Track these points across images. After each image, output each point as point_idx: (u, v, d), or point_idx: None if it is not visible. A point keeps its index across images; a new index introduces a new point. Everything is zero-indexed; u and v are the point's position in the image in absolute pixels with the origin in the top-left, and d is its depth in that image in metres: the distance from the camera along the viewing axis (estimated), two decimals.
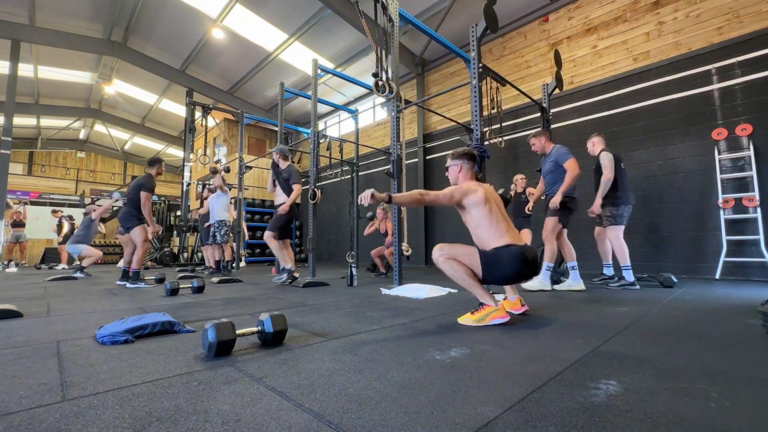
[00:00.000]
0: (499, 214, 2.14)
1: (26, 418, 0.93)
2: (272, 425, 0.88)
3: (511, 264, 2.01)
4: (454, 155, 2.34)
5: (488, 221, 2.09)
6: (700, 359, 1.37)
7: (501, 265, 2.03)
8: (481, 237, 2.13)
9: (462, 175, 2.31)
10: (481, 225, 2.11)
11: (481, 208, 2.10)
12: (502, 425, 0.87)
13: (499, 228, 2.09)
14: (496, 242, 2.06)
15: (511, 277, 2.07)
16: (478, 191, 2.12)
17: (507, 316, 2.00)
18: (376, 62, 3.44)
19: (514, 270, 2.02)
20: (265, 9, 7.59)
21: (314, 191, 5.02)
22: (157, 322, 1.83)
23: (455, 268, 2.08)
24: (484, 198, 2.11)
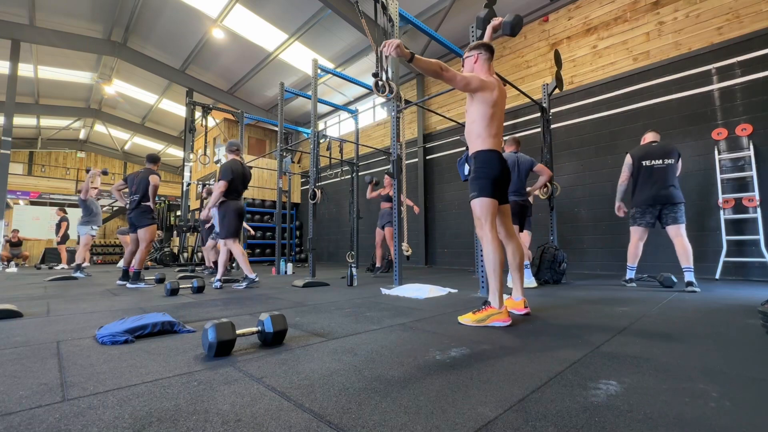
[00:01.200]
0: (497, 119, 2.18)
1: (26, 418, 0.93)
2: (272, 425, 0.88)
3: (486, 166, 2.11)
4: (471, 46, 2.28)
5: (484, 122, 2.14)
6: (700, 359, 1.37)
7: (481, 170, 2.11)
8: (471, 131, 2.20)
9: (478, 66, 2.24)
10: (477, 121, 2.16)
11: (487, 108, 2.13)
12: (502, 425, 0.87)
13: (489, 131, 2.15)
14: (482, 144, 2.15)
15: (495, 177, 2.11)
16: (494, 92, 2.13)
17: (508, 320, 1.97)
18: (376, 62, 3.43)
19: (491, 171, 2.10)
20: (265, 9, 7.58)
21: (314, 191, 5.02)
22: (157, 322, 1.83)
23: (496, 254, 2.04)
24: (494, 101, 2.12)
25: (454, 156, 7.76)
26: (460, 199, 7.58)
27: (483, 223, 2.09)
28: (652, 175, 3.63)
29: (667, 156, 3.60)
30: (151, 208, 4.34)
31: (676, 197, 3.54)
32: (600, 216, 5.58)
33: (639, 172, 3.70)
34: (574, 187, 5.87)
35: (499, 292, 2.02)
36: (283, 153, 6.33)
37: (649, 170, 3.64)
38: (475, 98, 2.14)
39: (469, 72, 2.25)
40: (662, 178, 3.58)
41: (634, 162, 3.74)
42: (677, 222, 3.53)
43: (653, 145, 3.73)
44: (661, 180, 3.58)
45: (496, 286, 2.03)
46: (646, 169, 3.66)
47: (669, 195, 3.55)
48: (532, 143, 6.37)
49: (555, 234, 4.63)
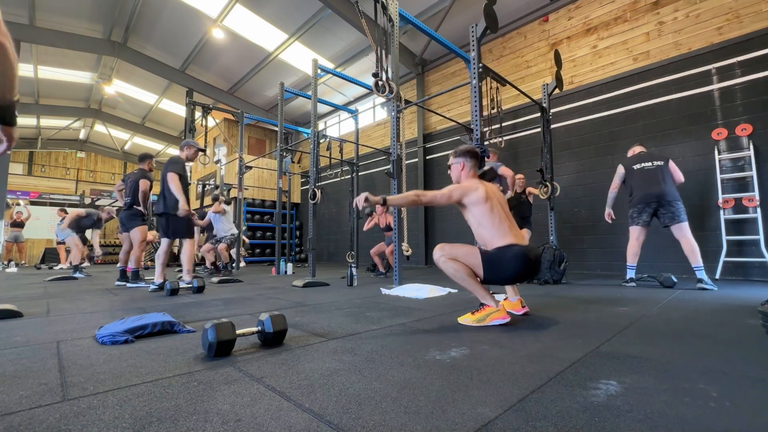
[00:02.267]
0: (501, 212, 2.11)
1: (26, 418, 0.93)
2: (272, 425, 0.88)
3: (513, 264, 1.99)
4: (456, 153, 2.30)
5: (489, 220, 2.06)
6: (700, 359, 1.37)
7: (502, 266, 2.00)
8: (482, 236, 2.11)
9: (464, 174, 2.27)
10: (483, 224, 2.09)
11: (482, 207, 2.08)
12: (502, 425, 0.87)
13: (501, 227, 2.06)
14: (498, 242, 2.03)
15: (512, 277, 2.05)
16: (479, 189, 2.09)
17: (507, 317, 1.99)
18: (376, 62, 3.44)
19: (515, 270, 2.00)
20: (265, 9, 7.58)
21: (314, 191, 5.02)
22: (157, 322, 1.83)
23: (456, 268, 2.05)
24: (484, 196, 2.08)
25: None
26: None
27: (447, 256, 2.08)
28: (643, 176, 3.80)
29: (656, 159, 3.79)
30: (140, 212, 4.35)
31: (668, 194, 3.63)
32: (600, 216, 5.56)
33: (632, 177, 3.87)
34: (574, 187, 5.87)
35: (487, 293, 2.05)
36: (283, 153, 6.34)
37: (640, 172, 3.83)
38: (467, 205, 2.12)
39: (456, 177, 2.29)
40: (654, 178, 3.74)
41: (627, 169, 3.92)
42: (676, 221, 3.58)
43: (642, 153, 3.95)
44: (653, 179, 3.73)
45: (479, 292, 2.06)
46: (638, 172, 3.84)
47: (661, 192, 3.65)
48: (532, 143, 6.37)
49: (555, 234, 4.64)
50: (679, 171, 3.75)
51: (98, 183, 17.10)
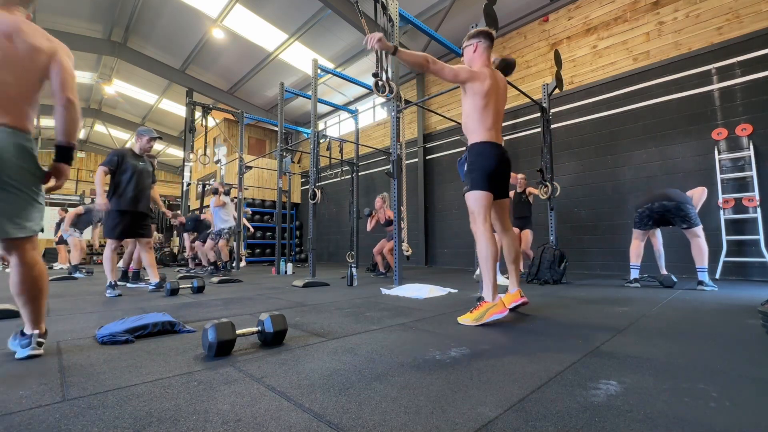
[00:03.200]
0: (492, 110, 2.11)
1: (26, 418, 0.93)
2: (272, 425, 0.88)
3: (482, 158, 2.06)
4: (470, 35, 2.21)
5: (479, 114, 2.09)
6: (700, 359, 1.37)
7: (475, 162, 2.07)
8: (467, 125, 2.15)
9: (477, 56, 2.19)
10: (471, 115, 2.12)
11: (479, 100, 2.08)
12: (502, 425, 0.87)
13: (484, 123, 2.09)
14: (476, 136, 2.10)
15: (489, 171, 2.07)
16: (485, 82, 2.07)
17: (505, 311, 1.99)
18: (376, 62, 3.43)
19: (487, 164, 2.06)
20: (265, 9, 7.58)
21: (314, 191, 5.02)
22: (157, 322, 1.83)
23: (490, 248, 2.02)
24: (486, 91, 2.07)
25: (454, 156, 7.76)
26: (460, 199, 7.57)
27: (476, 217, 2.07)
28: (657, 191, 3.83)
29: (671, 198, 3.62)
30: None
31: (673, 196, 3.59)
32: (600, 216, 5.58)
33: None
34: (574, 187, 5.87)
35: (493, 285, 2.04)
36: (283, 153, 6.34)
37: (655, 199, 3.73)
38: (468, 90, 2.09)
39: (468, 60, 2.21)
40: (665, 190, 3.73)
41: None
42: (691, 225, 3.55)
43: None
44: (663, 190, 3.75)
45: (489, 280, 2.03)
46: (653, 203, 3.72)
47: (666, 195, 3.63)
48: (532, 143, 6.37)
49: (555, 234, 4.64)
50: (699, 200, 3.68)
51: None
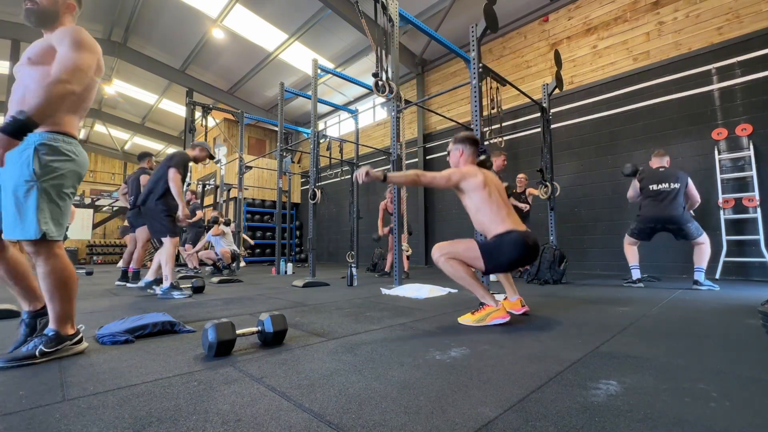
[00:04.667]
0: (499, 199, 2.12)
1: (26, 418, 0.93)
2: (272, 425, 0.88)
3: (513, 250, 2.00)
4: (456, 140, 2.31)
5: (488, 206, 2.08)
6: (700, 359, 1.37)
7: (502, 252, 2.01)
8: (481, 222, 2.13)
9: (463, 160, 2.28)
10: (481, 210, 2.10)
11: (480, 193, 2.09)
12: (502, 425, 0.87)
13: (499, 213, 2.08)
14: (497, 228, 2.06)
15: (512, 262, 2.04)
16: (478, 175, 2.10)
17: (507, 317, 2.00)
18: (376, 62, 3.44)
19: (515, 255, 2.00)
20: (265, 9, 7.58)
21: (314, 191, 5.02)
22: (157, 322, 1.83)
23: (456, 268, 2.06)
24: (483, 182, 2.09)
25: None
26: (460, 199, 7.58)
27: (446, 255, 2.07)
28: (657, 197, 3.69)
29: (675, 180, 3.63)
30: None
31: (676, 219, 3.56)
32: (600, 216, 5.58)
33: (647, 195, 3.78)
34: (574, 187, 5.87)
35: (486, 292, 2.06)
36: (283, 153, 6.34)
37: (656, 193, 3.71)
38: (465, 189, 2.12)
39: (455, 164, 2.29)
40: (666, 200, 3.64)
41: (643, 188, 3.81)
42: (693, 238, 3.56)
43: (660, 170, 3.78)
44: (665, 202, 3.64)
45: (479, 291, 2.06)
46: (653, 192, 3.72)
47: (669, 217, 3.59)
48: (532, 143, 6.37)
49: (555, 234, 4.64)
50: (697, 192, 3.67)
51: (98, 183, 17.10)
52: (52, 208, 1.41)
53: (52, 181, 1.41)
